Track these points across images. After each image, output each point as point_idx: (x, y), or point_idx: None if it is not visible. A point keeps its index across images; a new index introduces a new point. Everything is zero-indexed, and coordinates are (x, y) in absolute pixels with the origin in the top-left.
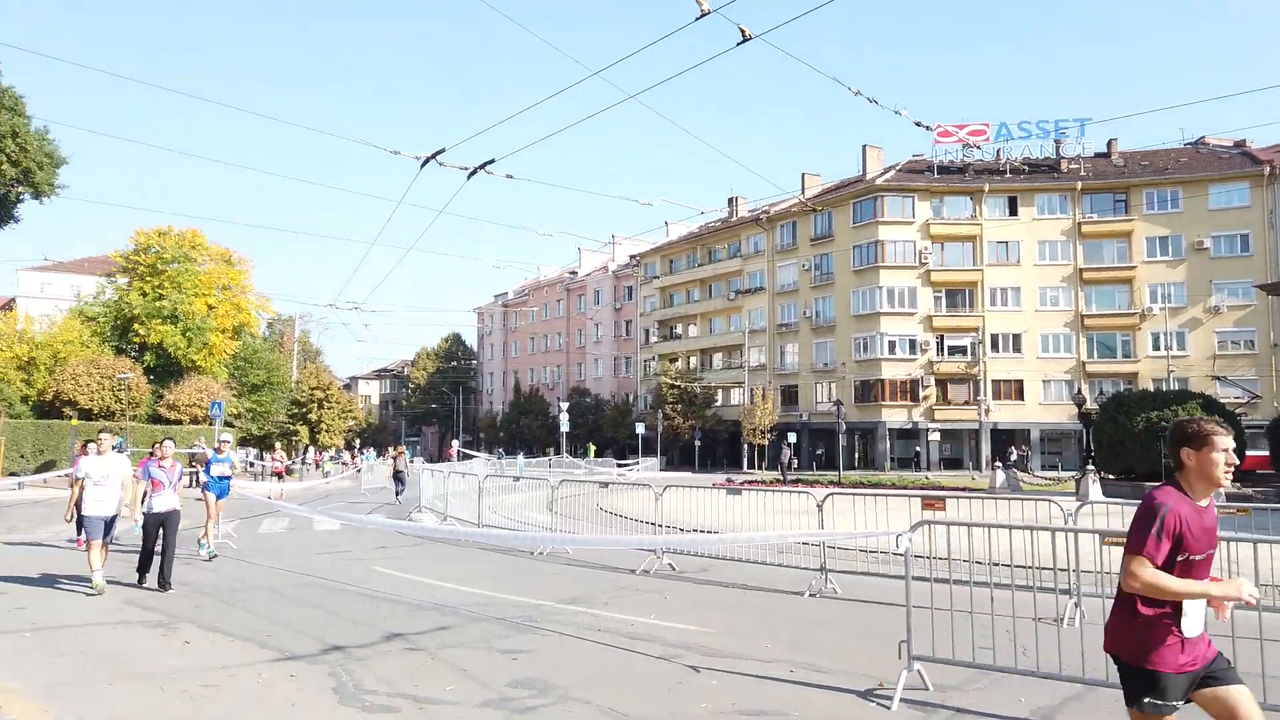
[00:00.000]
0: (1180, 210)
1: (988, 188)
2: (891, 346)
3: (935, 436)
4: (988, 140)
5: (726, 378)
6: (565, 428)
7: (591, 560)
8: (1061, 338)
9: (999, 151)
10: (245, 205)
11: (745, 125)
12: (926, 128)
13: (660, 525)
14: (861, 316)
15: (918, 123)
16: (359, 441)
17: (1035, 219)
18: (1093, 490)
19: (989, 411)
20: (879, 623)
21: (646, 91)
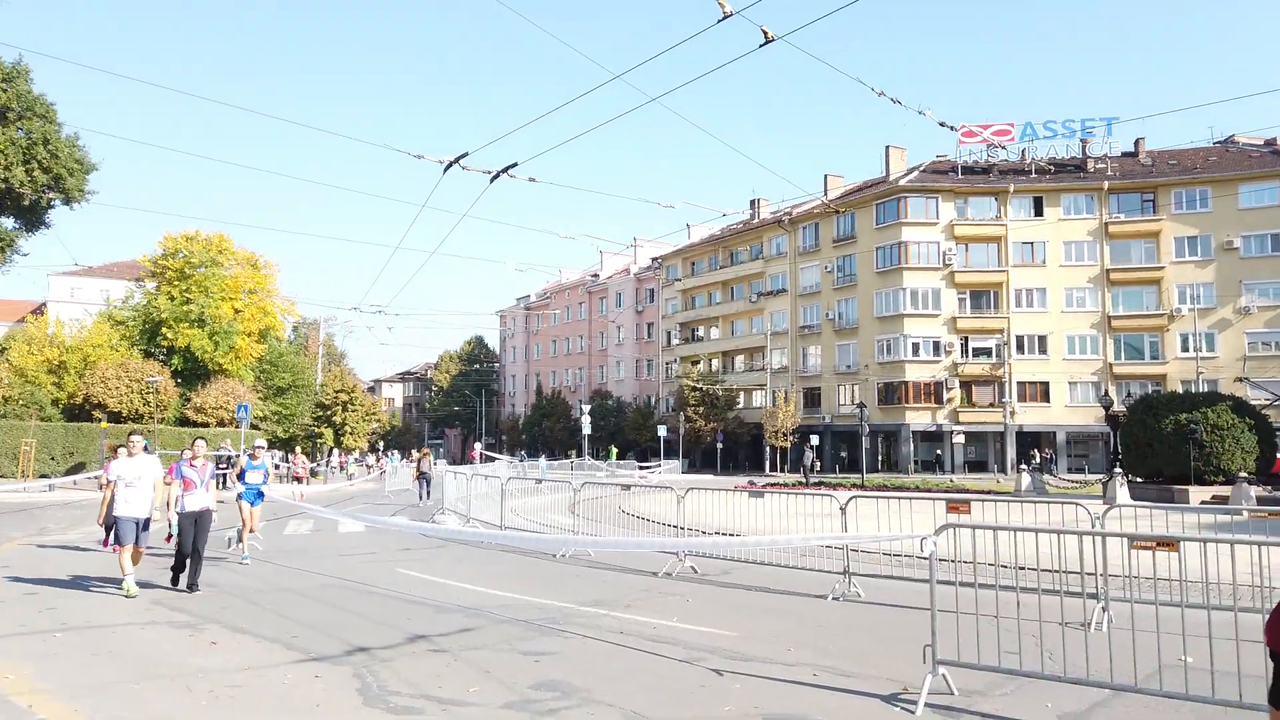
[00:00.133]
0: (1209, 210)
1: (1013, 188)
2: (915, 348)
3: (959, 439)
4: (1013, 140)
5: (748, 380)
6: (587, 430)
7: (614, 563)
8: (1088, 339)
9: (1024, 151)
10: (271, 210)
11: (767, 127)
12: (951, 128)
13: (682, 528)
14: (885, 318)
15: (942, 123)
16: (383, 444)
17: (1061, 219)
18: (1120, 493)
19: (1014, 414)
20: (903, 627)
21: (669, 94)
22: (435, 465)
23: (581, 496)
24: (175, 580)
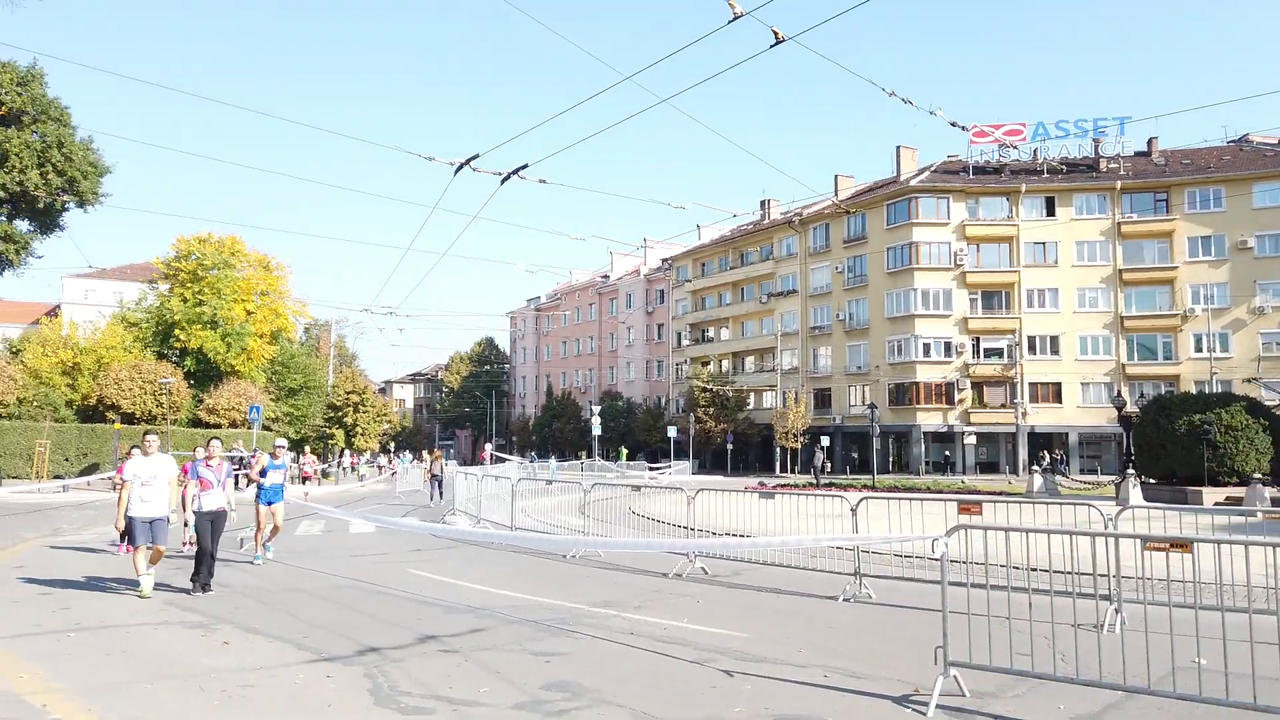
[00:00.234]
0: (1223, 209)
1: (1024, 188)
2: (926, 349)
3: (971, 440)
4: (1024, 140)
5: (759, 381)
6: (597, 431)
7: (624, 564)
8: (1100, 339)
9: (1036, 151)
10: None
11: (778, 127)
12: (962, 128)
13: (692, 529)
14: (895, 319)
15: (953, 123)
16: (394, 445)
17: (1073, 219)
18: (1133, 494)
19: (1026, 414)
20: (914, 628)
21: (679, 95)
22: (446, 467)
23: (591, 497)
24: (194, 583)
